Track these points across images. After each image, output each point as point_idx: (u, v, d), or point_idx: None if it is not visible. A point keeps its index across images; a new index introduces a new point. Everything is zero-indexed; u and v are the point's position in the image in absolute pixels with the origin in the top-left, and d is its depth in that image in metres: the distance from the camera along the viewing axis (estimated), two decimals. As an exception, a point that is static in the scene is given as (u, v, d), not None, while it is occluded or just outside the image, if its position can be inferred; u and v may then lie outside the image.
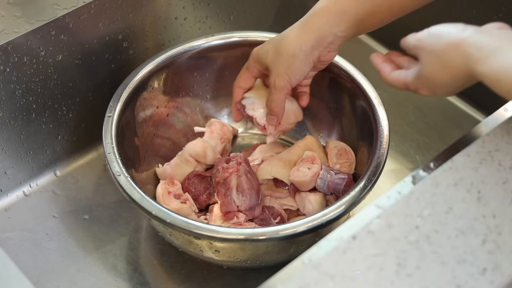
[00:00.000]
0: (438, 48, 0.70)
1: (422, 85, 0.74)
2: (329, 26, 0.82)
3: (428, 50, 0.71)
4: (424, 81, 0.73)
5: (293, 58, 0.84)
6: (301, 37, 0.83)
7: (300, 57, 0.83)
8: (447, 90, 0.72)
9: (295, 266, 0.64)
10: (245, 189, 0.89)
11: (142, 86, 0.95)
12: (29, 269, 0.93)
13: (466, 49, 0.67)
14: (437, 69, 0.71)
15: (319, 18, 0.83)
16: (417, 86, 0.74)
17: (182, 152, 1.00)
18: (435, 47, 0.70)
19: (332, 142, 0.97)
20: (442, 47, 0.69)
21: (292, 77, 0.85)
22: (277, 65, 0.85)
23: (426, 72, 0.72)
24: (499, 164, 0.71)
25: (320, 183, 0.91)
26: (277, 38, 0.86)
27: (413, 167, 1.06)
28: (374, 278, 0.62)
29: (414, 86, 0.75)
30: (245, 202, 0.88)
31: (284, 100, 0.88)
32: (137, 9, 1.00)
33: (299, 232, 0.80)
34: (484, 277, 0.63)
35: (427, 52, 0.71)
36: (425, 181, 0.69)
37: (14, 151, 0.98)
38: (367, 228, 0.66)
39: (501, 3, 1.04)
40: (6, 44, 0.89)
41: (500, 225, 0.66)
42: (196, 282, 0.93)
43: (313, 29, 0.83)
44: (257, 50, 0.89)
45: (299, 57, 0.84)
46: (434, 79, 0.72)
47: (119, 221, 1.00)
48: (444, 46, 0.69)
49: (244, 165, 0.90)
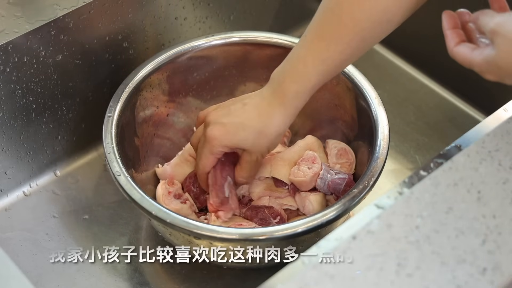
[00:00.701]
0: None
1: (491, 70, 0.69)
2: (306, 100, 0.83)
3: (509, 38, 0.65)
4: (495, 68, 0.68)
5: (276, 139, 0.85)
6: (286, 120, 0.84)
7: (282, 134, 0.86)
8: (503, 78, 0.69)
9: (295, 266, 0.64)
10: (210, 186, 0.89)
11: (142, 86, 0.95)
12: (29, 269, 0.93)
13: None
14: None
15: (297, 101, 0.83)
16: (485, 70, 0.69)
17: (182, 152, 1.00)
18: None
19: (332, 142, 0.97)
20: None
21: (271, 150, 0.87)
22: (259, 145, 0.85)
23: (500, 60, 0.67)
24: (499, 164, 0.71)
25: (320, 183, 0.91)
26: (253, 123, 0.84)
27: (413, 167, 1.06)
28: (374, 278, 0.62)
29: (481, 69, 0.69)
30: (213, 199, 0.88)
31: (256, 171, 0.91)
32: (137, 9, 1.00)
33: (299, 232, 0.80)
34: (484, 277, 0.63)
35: (507, 40, 0.66)
36: (425, 181, 0.69)
37: (14, 151, 0.98)
38: (367, 228, 0.66)
39: (501, 3, 1.04)
40: (6, 44, 0.89)
41: (500, 225, 0.66)
42: (196, 282, 0.93)
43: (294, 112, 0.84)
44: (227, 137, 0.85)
45: (281, 135, 0.85)
46: (508, 69, 0.67)
47: (119, 221, 1.00)
48: None
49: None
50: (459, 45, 0.72)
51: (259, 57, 1.01)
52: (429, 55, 1.16)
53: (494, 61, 0.67)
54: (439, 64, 1.15)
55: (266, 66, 1.02)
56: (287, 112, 0.83)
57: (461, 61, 0.72)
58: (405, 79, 1.18)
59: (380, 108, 0.91)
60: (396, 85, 1.17)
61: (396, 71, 1.19)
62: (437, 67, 1.16)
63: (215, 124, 0.85)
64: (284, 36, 1.00)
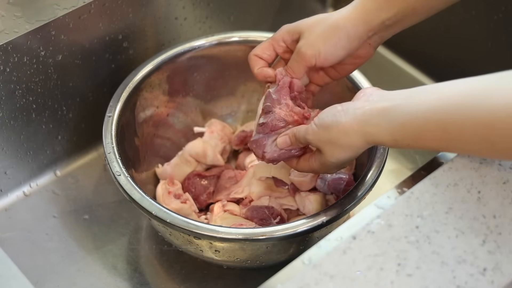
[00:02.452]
0: (333, 137, 0.73)
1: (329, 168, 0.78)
2: (378, 10, 0.79)
3: (324, 141, 0.75)
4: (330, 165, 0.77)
5: (333, 32, 0.79)
6: (348, 16, 0.79)
7: (341, 35, 0.79)
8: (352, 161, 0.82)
9: (295, 266, 0.64)
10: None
11: (142, 86, 0.95)
12: (29, 269, 0.93)
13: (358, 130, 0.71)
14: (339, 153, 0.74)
15: (369, 1, 0.79)
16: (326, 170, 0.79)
17: (182, 152, 1.00)
18: (330, 137, 0.74)
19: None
20: (335, 135, 0.73)
21: (322, 51, 0.80)
22: (312, 32, 0.80)
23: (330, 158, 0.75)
24: (499, 164, 0.71)
25: (321, 183, 0.91)
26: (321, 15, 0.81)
27: (413, 167, 1.06)
28: (374, 278, 0.62)
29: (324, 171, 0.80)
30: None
31: (303, 72, 0.83)
32: (137, 9, 1.00)
33: (299, 232, 0.80)
34: (484, 277, 0.63)
35: (324, 143, 0.75)
36: (425, 181, 0.69)
37: (14, 151, 0.98)
38: (367, 228, 0.66)
39: (501, 3, 1.04)
40: (6, 44, 0.89)
41: (500, 225, 0.66)
42: (196, 282, 0.93)
43: (361, 10, 0.79)
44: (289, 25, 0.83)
45: (339, 33, 0.79)
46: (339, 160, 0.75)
47: (119, 221, 1.00)
48: (337, 134, 0.73)
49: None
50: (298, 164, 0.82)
51: (259, 57, 1.01)
52: (429, 55, 1.16)
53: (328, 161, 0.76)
54: (439, 64, 1.15)
55: (266, 66, 1.02)
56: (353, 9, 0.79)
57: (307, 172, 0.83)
58: (405, 79, 1.18)
59: (380, 108, 0.91)
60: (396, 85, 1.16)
61: (396, 71, 1.19)
62: (437, 67, 1.16)
63: None
64: (284, 36, 1.00)
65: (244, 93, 1.06)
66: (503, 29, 1.05)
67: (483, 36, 1.08)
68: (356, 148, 0.73)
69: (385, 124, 0.69)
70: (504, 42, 1.06)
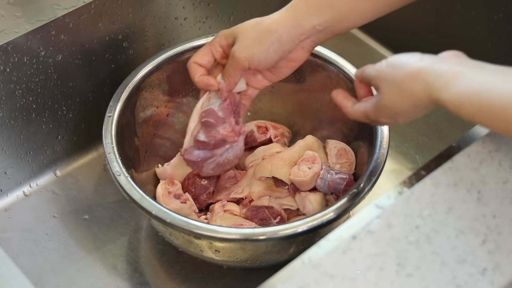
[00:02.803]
0: (397, 78, 0.71)
1: (382, 114, 0.75)
2: (308, 15, 0.81)
3: (388, 80, 0.72)
4: (384, 110, 0.74)
5: (265, 36, 0.81)
6: (280, 20, 0.81)
7: (273, 39, 0.81)
8: (408, 117, 0.73)
9: (295, 266, 0.64)
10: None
11: (142, 86, 0.95)
12: (29, 269, 0.93)
13: (425, 78, 0.68)
14: (397, 98, 0.72)
15: (300, 5, 0.81)
16: (378, 115, 0.75)
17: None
18: (394, 77, 0.71)
19: (332, 142, 0.97)
20: (401, 77, 0.70)
21: (256, 54, 0.81)
22: (246, 37, 0.82)
23: (386, 102, 0.73)
24: (499, 164, 0.71)
25: (321, 183, 0.91)
26: (255, 19, 0.83)
27: (413, 167, 1.06)
28: (374, 278, 0.62)
29: (375, 115, 0.76)
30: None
31: (239, 76, 0.84)
32: (137, 9, 1.00)
33: (299, 232, 0.80)
34: (484, 277, 0.63)
35: (386, 82, 0.72)
36: (425, 181, 0.69)
37: (14, 151, 0.98)
38: (367, 228, 0.66)
39: (501, 3, 1.04)
40: (6, 44, 0.89)
41: (500, 225, 0.66)
42: (196, 282, 0.93)
43: (293, 15, 0.81)
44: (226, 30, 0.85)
45: (271, 37, 0.81)
46: (395, 108, 0.73)
47: (119, 221, 1.00)
48: (403, 76, 0.70)
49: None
50: (353, 106, 0.79)
51: (259, 57, 1.01)
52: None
53: (382, 104, 0.73)
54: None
55: (266, 66, 1.02)
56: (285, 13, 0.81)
57: (358, 117, 0.79)
58: (405, 79, 1.18)
59: (380, 108, 0.91)
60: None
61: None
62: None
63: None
64: (284, 36, 1.00)
65: (244, 93, 1.05)
66: (503, 29, 1.05)
67: (483, 36, 1.08)
68: (415, 99, 0.69)
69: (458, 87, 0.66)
70: (504, 42, 1.06)
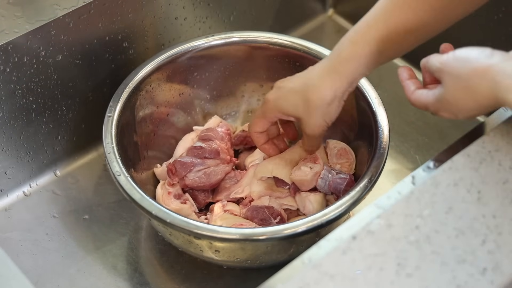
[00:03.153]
0: (463, 73, 0.68)
1: (443, 108, 0.72)
2: (361, 70, 0.81)
3: (453, 74, 0.70)
4: (446, 104, 0.72)
5: (329, 107, 0.83)
6: (334, 86, 0.82)
7: (335, 103, 0.83)
8: (470, 114, 0.71)
9: (295, 266, 0.64)
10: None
11: (142, 86, 0.95)
12: (29, 269, 0.93)
13: (494, 76, 0.66)
14: (461, 94, 0.69)
15: (351, 65, 0.81)
16: (438, 108, 0.73)
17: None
18: (460, 72, 0.69)
19: (332, 142, 0.97)
20: (468, 72, 0.68)
21: (329, 122, 0.85)
22: (313, 115, 0.84)
23: (449, 97, 0.71)
24: (499, 164, 0.71)
25: (321, 182, 0.91)
26: (302, 88, 0.84)
27: (413, 167, 1.06)
28: (374, 278, 0.62)
29: (435, 108, 0.74)
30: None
31: (321, 141, 0.91)
32: (137, 9, 1.00)
33: (299, 232, 0.80)
34: (484, 277, 0.63)
35: (452, 76, 0.70)
36: (425, 181, 0.69)
37: (14, 151, 0.98)
38: (367, 228, 0.66)
39: (501, 3, 1.04)
40: (6, 44, 0.89)
41: (500, 225, 0.66)
42: (196, 282, 0.93)
43: (346, 76, 0.81)
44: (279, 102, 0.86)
45: (334, 104, 0.83)
46: (457, 104, 0.70)
47: (119, 221, 1.00)
48: (470, 72, 0.68)
49: None
50: (415, 91, 0.76)
51: (259, 57, 1.01)
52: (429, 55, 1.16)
53: (444, 98, 0.71)
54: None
55: (266, 66, 1.02)
56: (336, 76, 0.81)
57: (418, 105, 0.76)
58: (405, 79, 1.18)
59: (380, 108, 0.91)
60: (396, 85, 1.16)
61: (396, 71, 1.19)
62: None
63: (274, 88, 0.87)
64: (284, 36, 1.00)
65: (244, 93, 1.05)
66: (503, 29, 1.05)
67: (483, 36, 1.08)
68: (480, 96, 0.67)
69: None
70: (504, 42, 1.06)
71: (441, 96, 0.72)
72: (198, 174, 0.92)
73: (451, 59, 0.71)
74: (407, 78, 0.78)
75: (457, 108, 0.71)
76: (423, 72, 0.78)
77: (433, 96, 0.73)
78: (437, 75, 0.73)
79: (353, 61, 0.80)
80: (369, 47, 0.79)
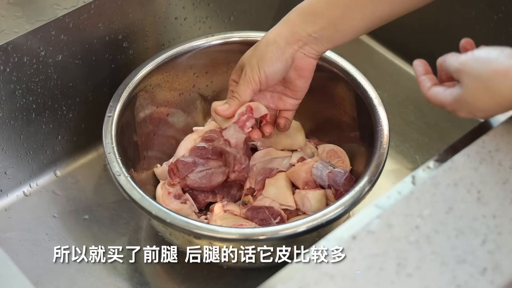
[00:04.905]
0: (484, 74, 0.68)
1: (461, 108, 0.72)
2: (303, 23, 0.83)
3: (473, 75, 0.69)
4: (464, 104, 0.71)
5: (266, 48, 0.84)
6: (276, 30, 0.85)
7: (273, 48, 0.83)
8: (489, 114, 0.71)
9: (295, 266, 0.64)
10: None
11: (142, 86, 0.95)
12: (29, 269, 0.93)
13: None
14: (481, 95, 0.69)
15: (294, 15, 0.84)
16: (456, 108, 0.72)
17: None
18: (480, 73, 0.68)
19: (320, 147, 0.99)
20: (489, 73, 0.67)
21: (262, 69, 0.84)
22: (252, 58, 0.86)
23: (468, 97, 0.70)
24: (499, 164, 0.71)
25: (316, 171, 0.91)
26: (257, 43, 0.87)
27: (413, 167, 1.06)
28: (374, 278, 0.62)
29: (453, 108, 0.73)
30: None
31: (250, 95, 0.86)
32: (137, 9, 1.00)
33: (299, 232, 0.80)
34: (484, 277, 0.63)
35: (471, 77, 0.69)
36: (425, 181, 0.69)
37: (14, 151, 0.98)
38: (367, 228, 0.66)
39: (501, 3, 1.04)
40: (6, 44, 0.89)
41: (500, 225, 0.66)
42: (196, 282, 0.93)
43: (288, 24, 0.84)
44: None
45: (272, 48, 0.84)
46: (477, 105, 0.70)
47: (119, 221, 1.00)
48: (491, 73, 0.67)
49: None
50: (432, 88, 0.75)
51: (259, 57, 1.01)
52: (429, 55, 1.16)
53: (463, 98, 0.70)
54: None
55: (266, 66, 1.02)
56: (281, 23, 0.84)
57: (434, 103, 0.75)
58: (405, 79, 1.18)
59: (380, 108, 0.91)
60: (396, 85, 1.17)
61: (396, 71, 1.19)
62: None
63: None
64: (284, 36, 1.00)
65: (244, 93, 1.05)
66: (503, 29, 1.05)
67: (483, 36, 1.08)
68: (501, 98, 0.67)
69: None
70: (504, 42, 1.06)
71: (459, 96, 0.71)
72: (200, 175, 0.92)
73: (470, 60, 0.70)
74: (422, 73, 0.77)
75: (476, 109, 0.70)
76: (438, 71, 0.77)
77: (451, 95, 0.72)
78: (455, 76, 0.72)
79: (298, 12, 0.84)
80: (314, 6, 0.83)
